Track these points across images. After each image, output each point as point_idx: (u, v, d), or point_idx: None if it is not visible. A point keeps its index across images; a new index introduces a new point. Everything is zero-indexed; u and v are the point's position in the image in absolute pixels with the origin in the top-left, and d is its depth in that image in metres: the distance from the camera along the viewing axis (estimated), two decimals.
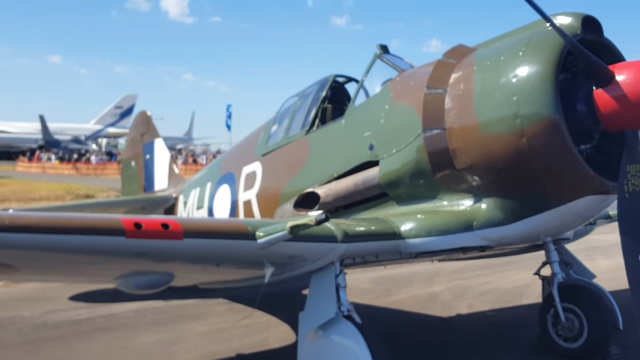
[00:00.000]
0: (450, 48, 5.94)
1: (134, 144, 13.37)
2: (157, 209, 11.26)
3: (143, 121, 13.24)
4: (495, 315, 8.62)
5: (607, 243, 14.34)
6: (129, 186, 13.43)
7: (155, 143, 12.80)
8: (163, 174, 12.44)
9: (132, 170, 13.32)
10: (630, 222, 4.95)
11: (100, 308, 9.01)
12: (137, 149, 13.19)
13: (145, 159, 12.90)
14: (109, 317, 8.53)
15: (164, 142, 13.15)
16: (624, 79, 4.70)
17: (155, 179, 12.63)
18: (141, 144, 13.05)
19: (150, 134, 12.94)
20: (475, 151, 5.22)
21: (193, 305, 9.17)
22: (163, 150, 12.74)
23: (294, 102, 8.07)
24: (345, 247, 5.34)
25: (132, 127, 13.88)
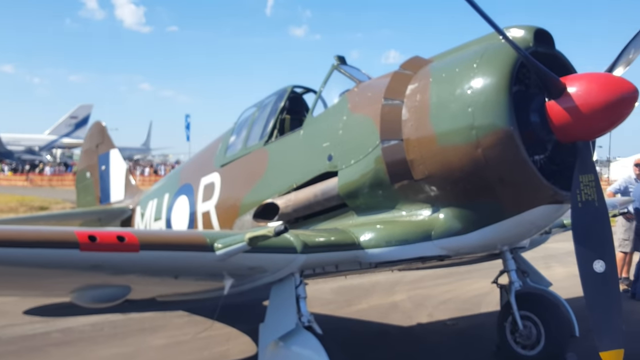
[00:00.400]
0: (407, 60, 5.99)
1: (88, 155, 13.14)
2: (113, 220, 11.06)
3: (98, 132, 13.03)
4: (455, 324, 8.70)
5: (564, 251, 14.64)
6: (85, 198, 13.19)
7: (111, 154, 12.60)
8: (119, 185, 12.24)
9: (88, 181, 13.09)
10: (584, 230, 5.04)
11: (55, 322, 8.79)
12: (92, 160, 12.96)
13: (101, 170, 12.69)
14: (65, 331, 8.33)
15: (120, 152, 12.96)
16: (575, 91, 4.79)
17: (111, 191, 12.42)
18: (96, 154, 12.83)
19: (105, 145, 12.73)
20: (432, 162, 5.27)
21: (152, 318, 9.04)
22: (119, 161, 12.55)
23: (252, 112, 8.04)
24: (305, 258, 5.33)
25: (86, 137, 13.64)
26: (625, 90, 4.68)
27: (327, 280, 11.34)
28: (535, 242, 7.84)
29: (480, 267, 9.59)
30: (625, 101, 4.69)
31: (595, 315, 4.96)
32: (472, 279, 11.81)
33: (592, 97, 4.70)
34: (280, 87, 7.84)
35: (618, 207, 10.13)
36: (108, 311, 8.76)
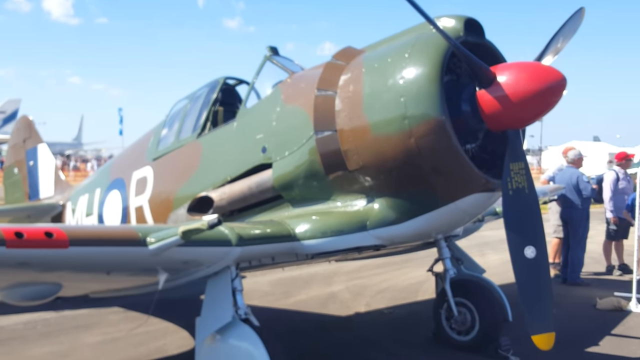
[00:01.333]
0: (339, 50, 5.97)
1: (16, 150, 12.67)
2: (43, 217, 10.72)
3: (25, 126, 12.56)
4: (392, 312, 8.80)
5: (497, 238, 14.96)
6: (13, 194, 12.73)
7: (39, 149, 12.18)
8: (48, 181, 11.85)
9: (16, 177, 12.63)
10: (514, 217, 5.16)
11: None
12: (19, 156, 12.51)
13: (29, 166, 12.26)
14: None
15: (51, 147, 12.53)
16: (505, 80, 4.86)
17: (40, 186, 12.02)
18: (24, 150, 12.39)
19: (33, 140, 12.30)
20: (366, 152, 5.28)
21: (86, 315, 8.81)
22: (47, 156, 12.14)
23: (184, 105, 7.90)
24: (240, 251, 5.27)
25: (13, 132, 13.15)
26: (553, 79, 4.78)
27: (266, 272, 11.30)
28: (469, 230, 8.00)
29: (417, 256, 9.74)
30: (553, 89, 4.80)
31: (527, 300, 5.09)
32: (408, 268, 11.99)
33: (521, 86, 4.79)
34: (213, 79, 7.72)
35: (549, 194, 10.44)
36: (40, 309, 8.46)
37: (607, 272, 11.64)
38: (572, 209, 10.72)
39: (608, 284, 10.53)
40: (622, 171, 11.53)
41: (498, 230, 6.64)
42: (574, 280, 10.58)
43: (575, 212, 10.69)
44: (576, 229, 10.69)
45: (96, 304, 8.95)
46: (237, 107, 7.25)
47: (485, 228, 9.35)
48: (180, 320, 8.30)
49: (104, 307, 9.08)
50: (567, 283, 10.60)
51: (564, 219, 10.94)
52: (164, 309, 8.61)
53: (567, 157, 11.22)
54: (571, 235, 10.76)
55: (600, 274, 11.62)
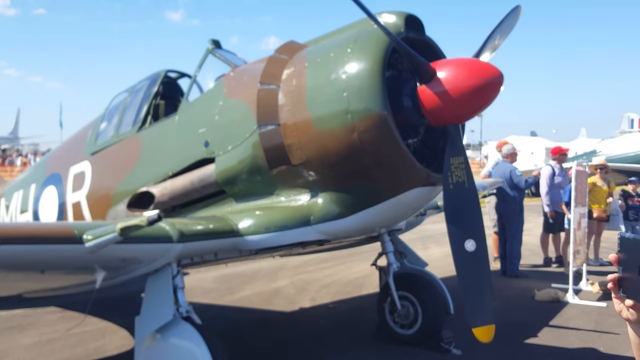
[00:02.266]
0: (282, 44, 5.92)
1: None
2: None
3: None
4: (337, 307, 8.83)
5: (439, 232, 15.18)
6: None
7: None
8: None
9: None
10: (455, 211, 5.24)
11: None
12: None
13: None
14: None
15: None
16: (444, 76, 4.91)
17: None
18: None
19: None
20: (309, 146, 5.26)
21: (21, 315, 8.55)
22: None
23: (124, 98, 7.72)
24: (182, 247, 5.19)
25: None
26: (490, 75, 4.85)
27: (209, 268, 11.19)
28: (411, 224, 8.08)
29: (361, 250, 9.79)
30: (490, 85, 4.86)
31: (467, 293, 5.19)
32: (353, 262, 12.05)
33: (459, 82, 4.84)
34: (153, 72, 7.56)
35: (488, 188, 10.65)
36: None
37: (544, 264, 11.95)
38: (505, 202, 10.97)
39: (546, 276, 10.81)
40: (558, 166, 11.85)
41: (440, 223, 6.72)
42: (513, 272, 10.83)
43: (509, 206, 10.94)
44: (511, 222, 10.94)
45: (31, 304, 8.70)
46: (179, 100, 7.14)
47: (428, 222, 9.47)
48: (120, 319, 8.14)
49: (39, 307, 8.82)
50: (507, 275, 10.83)
51: (499, 213, 11.19)
52: (103, 308, 8.41)
53: (501, 152, 11.48)
54: (507, 228, 11.01)
55: (538, 266, 11.92)
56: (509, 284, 10.18)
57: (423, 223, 8.81)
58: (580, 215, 9.61)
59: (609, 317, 8.01)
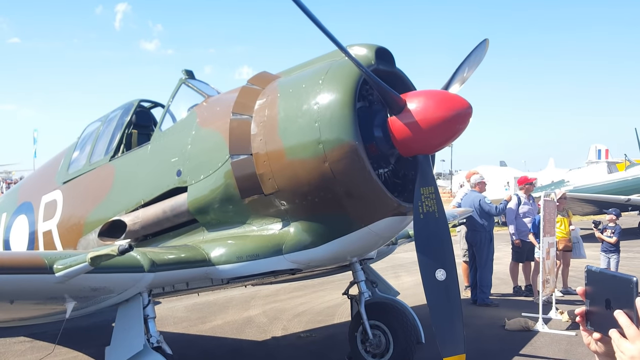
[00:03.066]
0: (254, 75, 6.00)
1: None
2: None
3: None
4: (309, 336, 8.80)
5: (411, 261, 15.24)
6: None
7: None
8: None
9: None
10: (425, 240, 5.28)
11: None
12: None
13: None
14: None
15: None
16: (414, 107, 5.01)
17: None
18: None
19: None
20: (281, 176, 5.31)
21: None
22: None
23: (97, 127, 7.72)
24: (153, 277, 5.17)
25: None
26: (459, 107, 4.97)
27: (181, 297, 11.09)
28: (383, 253, 8.13)
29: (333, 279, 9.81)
30: (459, 117, 4.98)
31: (438, 322, 5.21)
32: (325, 291, 12.04)
33: (429, 113, 4.94)
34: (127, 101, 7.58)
35: (458, 217, 10.76)
36: None
37: (514, 293, 12.04)
38: (475, 231, 11.08)
39: (516, 305, 10.88)
40: (524, 195, 12.02)
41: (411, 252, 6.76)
42: (483, 301, 10.89)
43: (479, 235, 11.04)
44: (481, 250, 11.03)
45: (0, 333, 8.57)
46: (152, 130, 7.16)
47: (399, 250, 9.52)
48: (90, 349, 8.04)
49: (9, 336, 8.73)
50: (477, 304, 10.88)
51: (469, 242, 11.30)
52: (73, 338, 8.34)
53: (470, 182, 11.64)
54: (477, 257, 11.10)
55: (508, 295, 12.01)
56: (479, 313, 10.24)
57: (394, 251, 8.85)
58: (549, 244, 9.76)
59: (579, 346, 8.10)
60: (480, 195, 11.15)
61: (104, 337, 5.67)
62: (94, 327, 9.21)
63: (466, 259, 11.55)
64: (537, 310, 9.41)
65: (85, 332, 8.92)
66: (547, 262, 9.60)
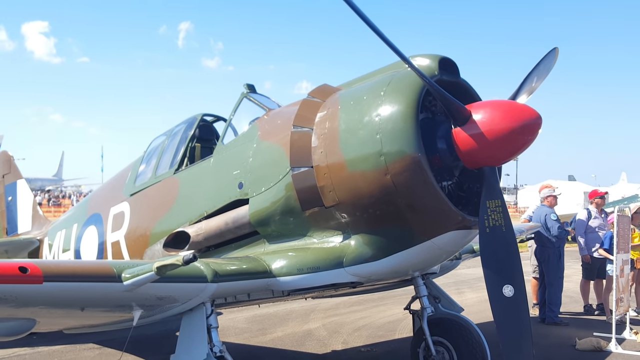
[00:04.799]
0: (315, 87, 6.03)
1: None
2: (20, 252, 10.63)
3: (4, 162, 12.54)
4: (370, 351, 8.71)
5: (474, 277, 15.02)
6: None
7: (18, 184, 12.13)
8: (26, 216, 11.79)
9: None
10: (492, 255, 5.14)
11: None
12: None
13: (7, 201, 12.21)
14: None
15: (31, 183, 12.51)
16: (480, 118, 4.92)
17: (18, 222, 11.96)
18: (2, 185, 12.35)
19: (12, 175, 12.27)
20: (342, 188, 5.29)
21: (61, 351, 8.70)
22: (26, 191, 12.09)
23: (162, 141, 7.91)
24: (216, 287, 5.23)
25: None
26: (528, 117, 4.84)
27: (242, 309, 11.20)
28: (446, 268, 7.98)
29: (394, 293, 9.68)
30: (528, 128, 4.85)
31: (506, 340, 5.05)
32: (385, 306, 11.92)
33: (496, 124, 4.84)
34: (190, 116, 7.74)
35: (525, 232, 10.49)
36: (15, 345, 8.45)
37: (585, 312, 11.63)
38: (544, 247, 10.78)
39: (587, 324, 10.50)
40: (595, 210, 11.63)
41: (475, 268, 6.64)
42: (552, 320, 10.56)
43: (547, 251, 10.74)
44: (549, 267, 10.72)
45: (71, 340, 8.87)
46: (215, 143, 7.28)
47: (462, 266, 9.35)
48: (155, 357, 8.20)
49: (79, 343, 8.99)
50: (546, 323, 10.57)
51: (538, 258, 11.00)
52: (139, 346, 8.53)
53: (540, 196, 11.34)
54: (546, 274, 10.79)
55: (578, 313, 11.61)
56: (548, 332, 9.93)
57: (458, 267, 8.68)
58: (623, 261, 9.39)
59: None
60: (549, 210, 10.86)
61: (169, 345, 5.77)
62: (159, 336, 9.39)
63: (536, 275, 11.24)
64: (609, 330, 9.05)
65: (150, 340, 9.10)
66: (621, 279, 9.23)
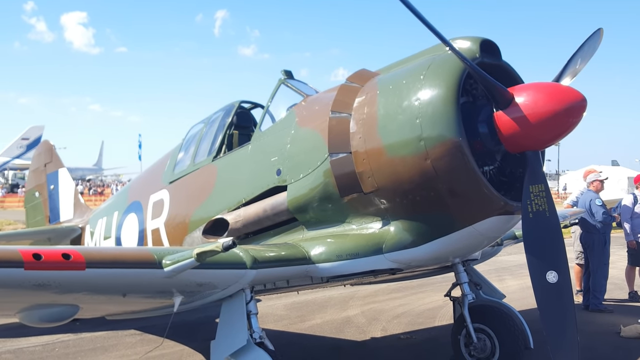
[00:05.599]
0: (354, 72, 5.96)
1: (37, 175, 12.84)
2: (63, 239, 10.83)
3: (46, 151, 12.77)
4: (409, 338, 8.65)
5: (515, 263, 14.81)
6: (34, 217, 12.89)
7: (60, 173, 12.34)
8: (68, 204, 11.99)
9: (37, 201, 12.78)
10: (535, 240, 5.04)
11: (6, 343, 8.54)
12: (40, 180, 12.67)
13: (50, 190, 12.42)
14: (16, 352, 8.07)
15: (72, 172, 12.72)
16: (523, 101, 4.81)
17: (60, 210, 12.17)
18: (45, 174, 12.56)
19: (54, 164, 12.48)
20: (381, 174, 5.24)
21: (103, 337, 8.84)
22: (68, 180, 12.29)
23: (200, 128, 7.95)
24: (255, 273, 5.24)
25: (34, 157, 13.33)
26: (572, 99, 4.71)
27: (280, 296, 11.25)
28: (487, 254, 7.85)
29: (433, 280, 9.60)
30: (573, 110, 4.73)
31: (550, 328, 4.94)
32: (424, 293, 11.84)
33: (539, 107, 4.72)
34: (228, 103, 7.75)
35: (569, 217, 10.29)
36: (59, 331, 8.65)
37: (630, 299, 11.37)
38: (589, 233, 10.58)
39: (632, 311, 10.27)
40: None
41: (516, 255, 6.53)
42: (596, 306, 10.36)
43: (592, 237, 10.54)
44: (594, 253, 10.51)
45: (113, 326, 9.02)
46: (252, 130, 7.29)
47: (503, 252, 9.20)
48: (196, 343, 8.28)
49: (120, 329, 9.14)
50: (590, 310, 10.37)
51: (582, 244, 10.80)
52: (180, 332, 8.63)
53: (586, 180, 11.11)
54: (590, 260, 10.58)
55: (623, 300, 11.37)
56: (592, 319, 9.73)
57: (498, 254, 8.55)
58: None
59: None
60: (594, 195, 10.64)
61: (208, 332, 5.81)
62: (198, 322, 9.49)
63: (580, 261, 11.03)
64: None
65: (190, 326, 9.20)
66: None
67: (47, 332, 8.74)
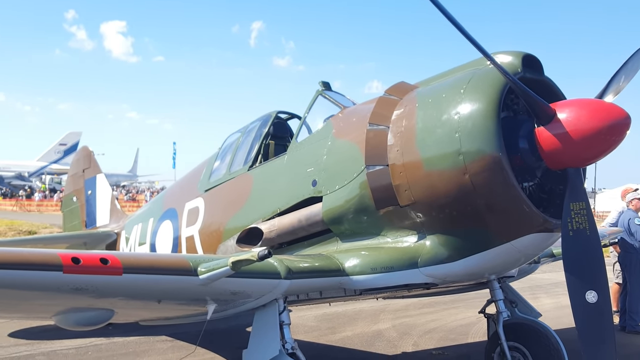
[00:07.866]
0: (392, 85, 5.95)
1: (75, 180, 13.07)
2: (99, 244, 10.99)
3: (85, 157, 12.99)
4: (441, 354, 8.55)
5: (551, 282, 14.56)
6: (71, 222, 13.10)
7: (97, 179, 12.54)
8: (105, 210, 12.17)
9: (74, 205, 13.00)
10: (575, 260, 4.93)
11: (40, 345, 8.68)
12: (78, 185, 12.89)
13: (87, 195, 12.62)
14: (49, 354, 8.20)
15: (108, 179, 12.91)
16: (565, 117, 4.74)
17: (97, 215, 12.35)
18: (83, 179, 12.77)
19: (92, 170, 12.68)
20: (418, 187, 5.20)
21: (135, 342, 8.93)
22: (105, 185, 12.48)
23: (237, 138, 7.99)
24: (289, 284, 5.24)
25: (73, 162, 13.56)
26: (616, 117, 4.63)
27: (311, 307, 11.21)
28: (524, 272, 7.73)
29: (466, 296, 9.48)
30: (616, 127, 4.65)
31: (588, 348, 4.83)
32: (457, 309, 11.70)
33: (582, 123, 4.65)
34: (265, 113, 7.79)
35: (608, 237, 10.08)
36: (92, 335, 8.72)
37: None
38: (627, 252, 10.36)
39: None
40: None
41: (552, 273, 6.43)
42: (633, 328, 10.11)
43: (630, 257, 10.32)
44: (632, 274, 10.28)
45: (145, 332, 9.11)
46: (289, 141, 7.31)
47: (538, 271, 9.03)
48: (227, 352, 8.29)
49: (152, 335, 9.22)
50: (627, 331, 10.13)
51: (621, 263, 10.57)
52: (212, 340, 8.66)
53: (625, 199, 10.90)
54: (628, 280, 10.36)
55: None
56: (629, 341, 9.51)
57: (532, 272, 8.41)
58: None
59: None
60: (633, 214, 10.43)
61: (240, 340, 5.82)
62: (231, 330, 9.52)
63: (619, 280, 10.80)
64: None
65: (222, 334, 9.24)
66: None
67: (80, 335, 8.86)
